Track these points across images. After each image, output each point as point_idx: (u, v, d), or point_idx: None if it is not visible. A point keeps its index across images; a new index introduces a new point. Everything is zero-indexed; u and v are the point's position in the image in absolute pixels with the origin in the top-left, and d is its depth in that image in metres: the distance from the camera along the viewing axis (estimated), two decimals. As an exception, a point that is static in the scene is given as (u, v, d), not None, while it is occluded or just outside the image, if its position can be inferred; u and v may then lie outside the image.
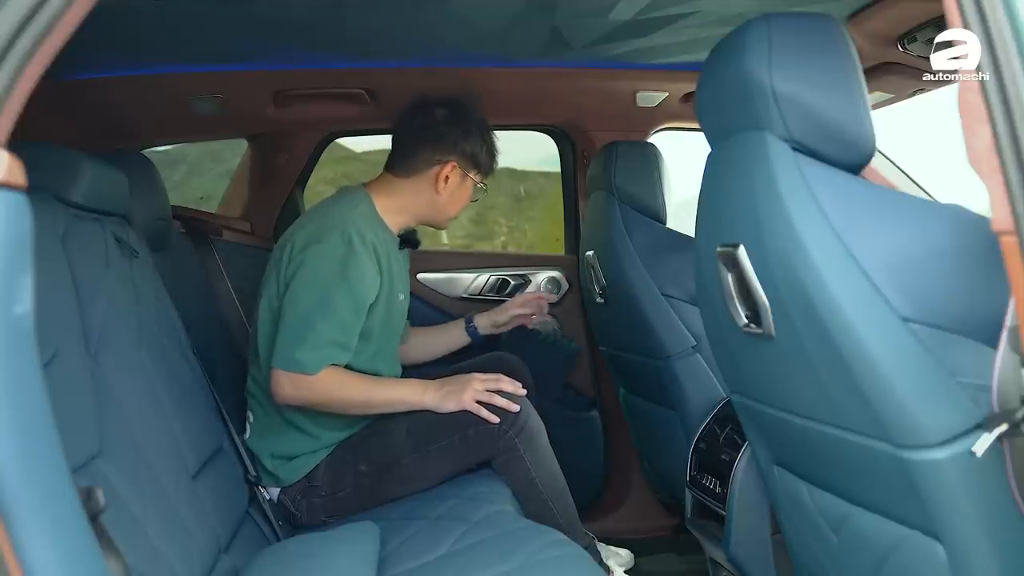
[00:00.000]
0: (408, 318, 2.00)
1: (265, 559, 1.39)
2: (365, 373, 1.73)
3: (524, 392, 1.71)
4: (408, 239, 1.92)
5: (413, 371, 1.96)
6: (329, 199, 1.84)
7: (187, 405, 1.50)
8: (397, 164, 1.84)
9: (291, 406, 1.68)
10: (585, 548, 1.66)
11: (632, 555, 2.04)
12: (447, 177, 1.80)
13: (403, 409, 1.71)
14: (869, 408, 1.00)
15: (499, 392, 1.67)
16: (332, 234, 1.67)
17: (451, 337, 2.12)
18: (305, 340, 1.61)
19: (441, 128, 1.81)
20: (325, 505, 1.71)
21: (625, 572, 1.90)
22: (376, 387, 1.71)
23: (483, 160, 1.85)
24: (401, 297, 1.85)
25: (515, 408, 1.67)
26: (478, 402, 1.66)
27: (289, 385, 1.62)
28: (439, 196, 1.82)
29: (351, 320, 1.66)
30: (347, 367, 1.69)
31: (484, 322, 2.12)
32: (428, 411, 1.72)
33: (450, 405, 1.67)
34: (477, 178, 1.86)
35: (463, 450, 1.68)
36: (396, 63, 2.11)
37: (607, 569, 1.78)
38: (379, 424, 1.76)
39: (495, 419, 1.65)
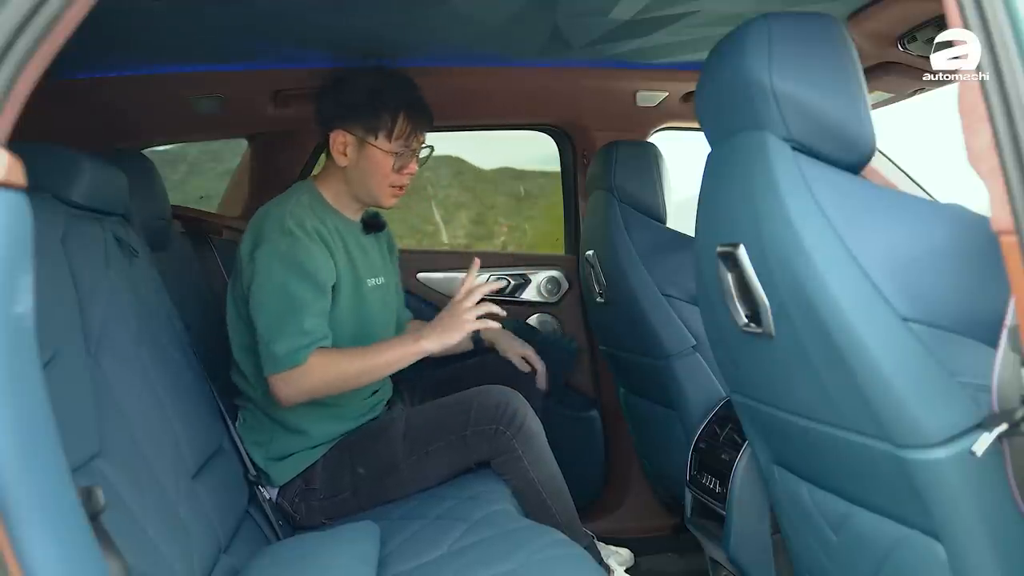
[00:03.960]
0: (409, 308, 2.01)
1: (265, 559, 1.39)
2: None
3: (504, 312, 1.72)
4: (372, 223, 1.87)
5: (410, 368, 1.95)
6: (273, 199, 1.78)
7: (187, 405, 1.50)
8: (325, 151, 1.80)
9: (290, 405, 1.66)
10: (585, 548, 1.66)
11: (632, 554, 2.04)
12: (344, 146, 1.74)
13: (405, 364, 1.68)
14: (869, 408, 1.00)
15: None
16: (272, 232, 1.65)
17: None
18: (281, 337, 1.59)
19: (322, 101, 1.77)
20: (324, 508, 1.71)
21: (625, 571, 1.90)
22: (368, 354, 1.67)
23: (379, 123, 1.72)
24: (372, 283, 1.81)
25: (503, 312, 1.71)
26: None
27: (285, 385, 1.61)
28: (350, 169, 1.75)
29: (318, 305, 1.64)
30: None
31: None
32: (424, 413, 1.72)
33: (454, 338, 1.64)
34: (384, 143, 1.72)
35: (461, 451, 1.68)
36: (396, 63, 2.11)
37: (608, 569, 1.77)
38: (376, 426, 1.76)
39: (496, 324, 1.70)
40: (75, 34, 0.73)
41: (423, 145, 1.80)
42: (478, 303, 1.65)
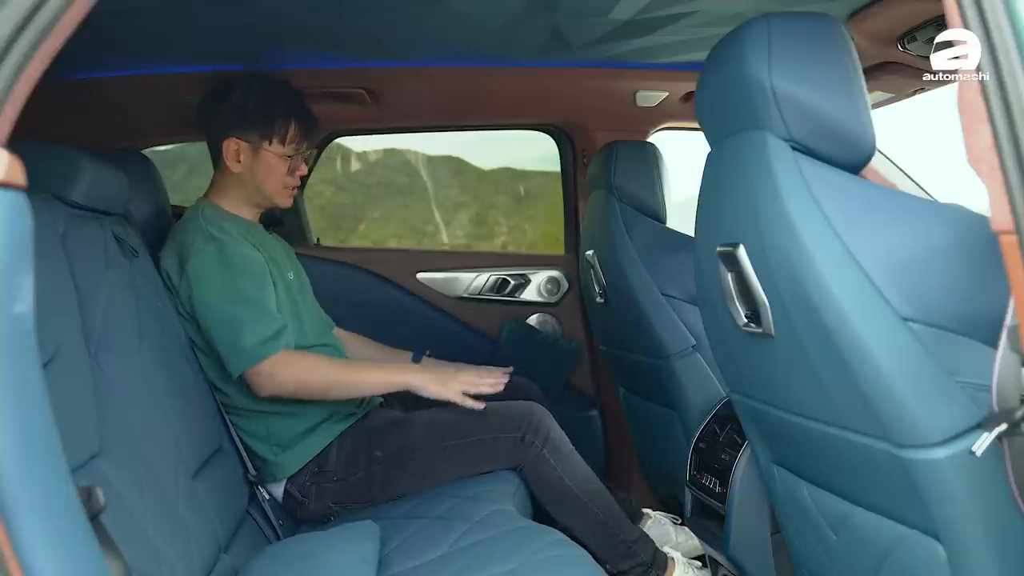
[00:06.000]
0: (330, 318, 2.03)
1: (265, 559, 1.39)
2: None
3: (502, 385, 1.73)
4: (270, 220, 1.89)
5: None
6: (176, 224, 1.79)
7: (187, 404, 1.50)
8: (212, 158, 1.83)
9: (267, 396, 1.65)
10: (636, 540, 1.69)
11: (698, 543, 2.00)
12: (236, 153, 1.75)
13: (385, 390, 1.72)
14: (869, 408, 1.00)
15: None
16: (195, 242, 1.66)
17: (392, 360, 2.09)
18: (245, 331, 1.59)
19: (210, 110, 1.78)
20: (337, 490, 1.72)
21: (693, 559, 1.87)
22: (354, 367, 1.71)
23: (273, 129, 1.75)
24: (290, 276, 1.83)
25: (500, 387, 1.70)
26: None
27: (264, 376, 1.60)
28: (244, 174, 1.76)
29: (265, 294, 1.65)
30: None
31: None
32: (453, 407, 1.70)
33: (434, 389, 1.67)
34: (279, 148, 1.75)
35: (481, 453, 1.70)
36: (396, 63, 2.11)
37: (666, 556, 1.77)
38: (399, 415, 1.77)
39: (480, 405, 1.68)
40: (75, 34, 0.73)
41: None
42: (476, 384, 1.69)
